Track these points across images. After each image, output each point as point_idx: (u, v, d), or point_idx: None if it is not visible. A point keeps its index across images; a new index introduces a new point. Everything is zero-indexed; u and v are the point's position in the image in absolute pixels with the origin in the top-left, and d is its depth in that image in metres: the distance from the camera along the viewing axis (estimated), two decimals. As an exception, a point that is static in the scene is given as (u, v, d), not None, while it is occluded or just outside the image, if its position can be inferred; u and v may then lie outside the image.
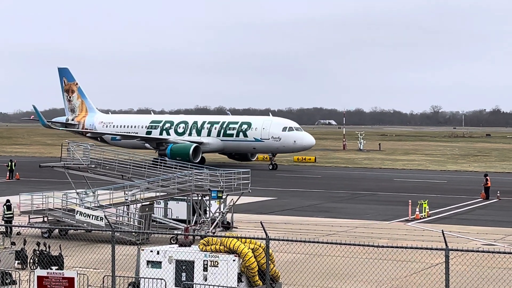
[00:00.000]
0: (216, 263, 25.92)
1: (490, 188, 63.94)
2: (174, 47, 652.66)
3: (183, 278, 26.23)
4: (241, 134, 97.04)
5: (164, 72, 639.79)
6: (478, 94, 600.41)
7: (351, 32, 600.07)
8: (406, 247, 24.08)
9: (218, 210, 43.51)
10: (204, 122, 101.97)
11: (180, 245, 27.41)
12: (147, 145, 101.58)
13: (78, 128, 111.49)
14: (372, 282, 29.68)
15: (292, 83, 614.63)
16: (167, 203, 44.60)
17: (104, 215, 37.93)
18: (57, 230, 41.29)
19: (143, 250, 27.10)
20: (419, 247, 23.87)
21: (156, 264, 26.70)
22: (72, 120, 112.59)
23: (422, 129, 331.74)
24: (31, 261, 31.83)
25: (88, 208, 40.97)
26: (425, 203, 51.69)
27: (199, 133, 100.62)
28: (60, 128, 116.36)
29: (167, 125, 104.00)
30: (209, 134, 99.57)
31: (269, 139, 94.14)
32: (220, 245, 26.09)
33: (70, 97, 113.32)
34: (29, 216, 42.01)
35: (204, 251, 26.23)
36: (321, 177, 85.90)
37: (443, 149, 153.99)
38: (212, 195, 42.38)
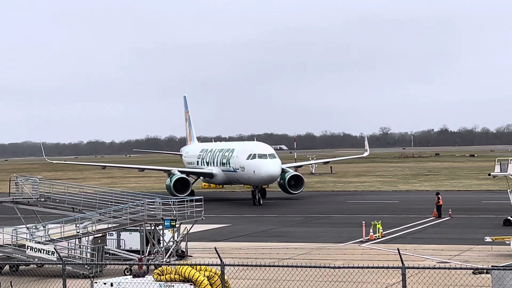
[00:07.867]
0: (172, 292, 25.51)
1: (442, 206, 64.43)
2: (111, 75, 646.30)
3: (139, 309, 25.77)
4: (227, 163, 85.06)
5: (99, 101, 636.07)
6: (426, 115, 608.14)
7: (296, 55, 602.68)
8: (362, 267, 24.01)
9: (172, 239, 43.01)
10: (216, 150, 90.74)
11: (134, 276, 26.99)
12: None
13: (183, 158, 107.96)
14: (330, 305, 29.47)
15: (241, 108, 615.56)
16: (120, 234, 44.00)
17: (55, 248, 37.21)
18: (7, 266, 40.40)
19: (96, 282, 26.62)
20: (376, 266, 23.78)
21: (110, 296, 26.20)
22: (181, 150, 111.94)
23: (372, 151, 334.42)
24: (-18, 299, 31.04)
25: (38, 242, 40.17)
26: (378, 224, 51.81)
27: (213, 162, 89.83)
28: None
29: (203, 154, 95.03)
30: (217, 164, 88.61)
31: (238, 168, 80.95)
32: (175, 274, 25.75)
33: (186, 126, 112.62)
34: (-22, 253, 41.06)
35: (159, 280, 25.86)
36: (274, 202, 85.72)
37: (394, 170, 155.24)
38: (165, 224, 41.94)
